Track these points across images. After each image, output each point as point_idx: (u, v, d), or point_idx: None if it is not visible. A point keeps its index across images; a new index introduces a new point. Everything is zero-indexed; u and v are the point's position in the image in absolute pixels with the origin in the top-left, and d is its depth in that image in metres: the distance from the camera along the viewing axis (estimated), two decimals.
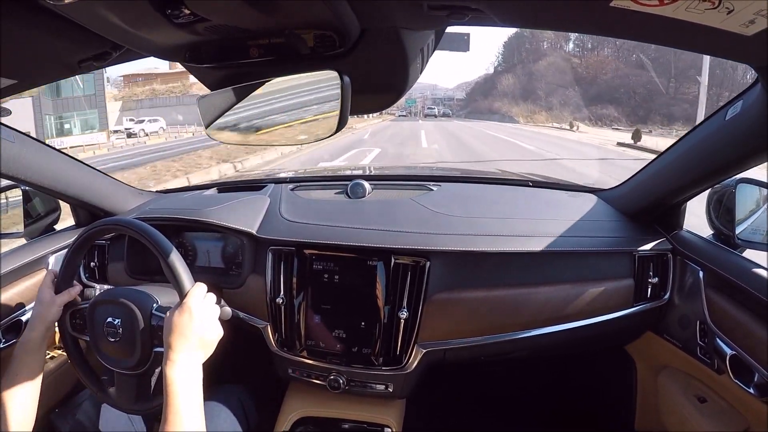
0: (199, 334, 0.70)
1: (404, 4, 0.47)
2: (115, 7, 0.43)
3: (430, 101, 74.88)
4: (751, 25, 0.41)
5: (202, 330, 0.71)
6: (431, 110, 55.69)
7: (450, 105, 73.98)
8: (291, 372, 1.11)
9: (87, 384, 0.86)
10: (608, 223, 1.09)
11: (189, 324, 0.69)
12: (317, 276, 1.06)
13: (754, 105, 0.67)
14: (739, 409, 0.87)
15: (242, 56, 0.53)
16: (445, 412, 1.55)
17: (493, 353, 1.09)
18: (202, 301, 0.73)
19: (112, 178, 1.30)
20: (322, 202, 1.22)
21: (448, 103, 75.98)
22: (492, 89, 60.52)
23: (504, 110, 49.73)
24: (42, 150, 1.02)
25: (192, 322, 0.70)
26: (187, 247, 1.20)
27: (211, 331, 0.73)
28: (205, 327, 0.71)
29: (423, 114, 53.21)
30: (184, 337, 0.69)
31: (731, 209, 0.94)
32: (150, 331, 0.79)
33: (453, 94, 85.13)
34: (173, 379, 0.66)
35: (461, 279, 1.01)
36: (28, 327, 0.83)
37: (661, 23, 0.43)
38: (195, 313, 0.70)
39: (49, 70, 0.68)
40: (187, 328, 0.69)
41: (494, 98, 57.71)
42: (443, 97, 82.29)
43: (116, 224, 0.86)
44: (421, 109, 60.20)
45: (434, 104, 71.94)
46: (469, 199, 1.20)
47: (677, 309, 1.01)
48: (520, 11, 0.49)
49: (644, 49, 36.30)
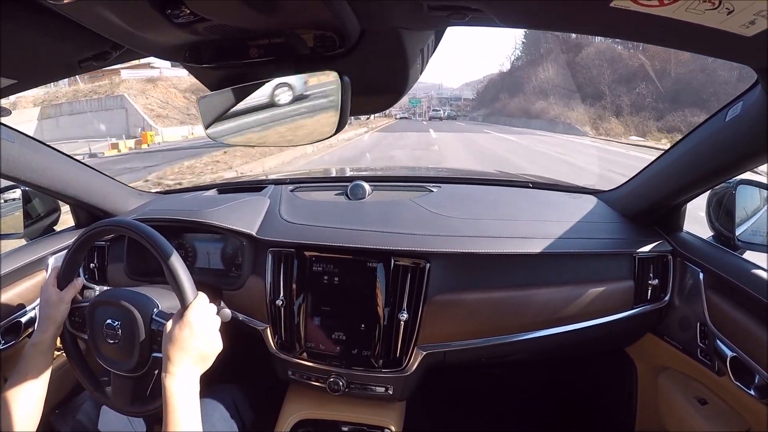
0: (198, 349, 0.70)
1: (404, 5, 0.47)
2: (115, 7, 0.43)
3: (436, 101, 70.82)
4: (751, 25, 0.41)
5: (202, 345, 0.70)
6: (436, 112, 52.76)
7: (457, 106, 70.19)
8: (291, 374, 1.10)
9: (84, 382, 0.86)
10: (608, 224, 1.09)
11: (189, 339, 0.69)
12: (317, 278, 1.05)
13: (754, 106, 0.67)
14: (740, 410, 0.87)
15: (242, 56, 0.53)
16: (446, 414, 1.55)
17: (493, 355, 1.09)
18: (204, 314, 0.72)
19: (112, 179, 1.30)
20: (322, 203, 1.22)
21: (455, 104, 72.21)
22: (521, 86, 44.43)
23: (552, 114, 32.11)
24: (42, 150, 1.02)
25: (192, 337, 0.69)
26: (187, 249, 1.20)
27: (211, 345, 0.72)
28: (205, 342, 0.71)
29: (427, 116, 50.65)
30: (184, 352, 0.69)
31: (731, 211, 0.94)
32: (149, 336, 0.79)
33: (460, 93, 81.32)
34: (172, 391, 0.66)
35: (461, 281, 1.01)
36: (38, 329, 0.82)
37: (661, 24, 0.43)
38: (196, 328, 0.70)
39: (49, 70, 0.68)
40: (187, 343, 0.69)
41: (528, 97, 40.64)
42: (449, 96, 78.69)
43: (119, 226, 0.85)
44: (426, 110, 56.69)
45: (440, 105, 69.24)
46: (469, 200, 1.20)
47: (677, 311, 1.01)
48: (520, 11, 0.49)
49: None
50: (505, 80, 54.15)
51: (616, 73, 33.58)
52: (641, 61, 32.39)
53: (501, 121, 40.14)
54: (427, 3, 0.46)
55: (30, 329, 1.08)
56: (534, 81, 41.97)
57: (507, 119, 39.34)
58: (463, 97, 76.14)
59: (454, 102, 73.58)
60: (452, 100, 74.87)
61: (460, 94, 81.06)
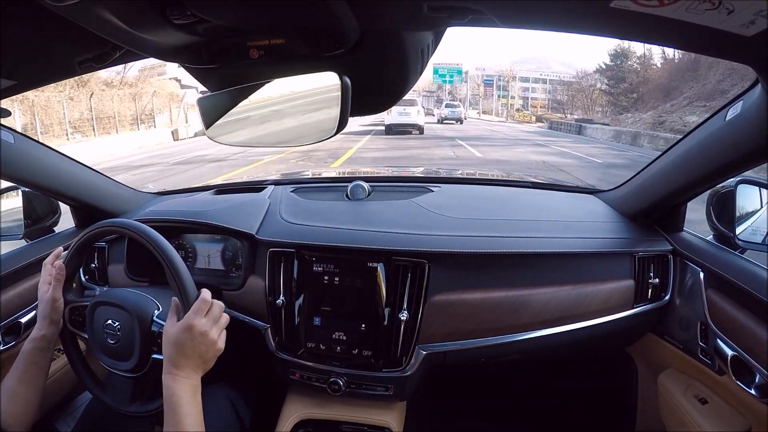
0: (199, 352, 0.69)
1: (404, 6, 0.47)
2: (115, 8, 0.43)
3: (448, 96, 41.95)
4: (751, 25, 0.41)
5: (203, 348, 0.70)
6: (453, 110, 26.04)
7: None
8: (291, 374, 1.10)
9: (83, 381, 0.86)
10: (608, 224, 1.09)
11: (189, 342, 0.68)
12: (317, 278, 1.05)
13: (754, 106, 0.67)
14: (740, 410, 0.87)
15: (242, 57, 0.53)
16: (446, 414, 1.55)
17: (493, 355, 1.09)
18: (204, 316, 0.71)
19: (112, 179, 1.30)
20: (322, 203, 1.22)
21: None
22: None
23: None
24: (42, 151, 1.02)
25: (192, 340, 0.69)
26: (187, 249, 1.20)
27: (212, 347, 0.71)
28: (206, 345, 0.70)
29: (439, 115, 26.94)
30: (184, 355, 0.68)
31: (731, 210, 0.94)
32: (150, 338, 0.79)
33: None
34: (173, 391, 0.66)
35: (461, 280, 1.01)
36: (37, 326, 0.82)
37: (661, 24, 0.43)
38: (196, 332, 0.69)
39: (49, 71, 0.68)
40: (187, 347, 0.68)
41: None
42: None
43: (119, 226, 0.85)
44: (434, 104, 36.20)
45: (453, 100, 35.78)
46: (469, 200, 1.20)
47: (678, 310, 1.01)
48: (520, 12, 0.49)
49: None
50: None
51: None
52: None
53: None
54: (427, 3, 0.46)
55: (30, 330, 1.08)
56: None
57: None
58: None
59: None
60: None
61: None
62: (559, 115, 36.61)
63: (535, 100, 47.33)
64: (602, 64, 33.05)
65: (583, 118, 29.46)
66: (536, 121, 35.51)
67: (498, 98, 47.00)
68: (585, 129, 21.39)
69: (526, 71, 51.56)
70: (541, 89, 47.99)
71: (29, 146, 0.98)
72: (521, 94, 48.46)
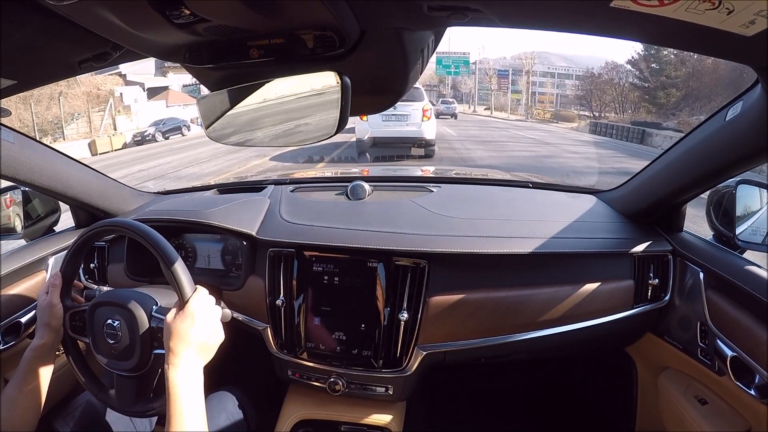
0: (200, 340, 0.70)
1: (404, 5, 0.47)
2: (115, 8, 0.43)
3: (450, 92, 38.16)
4: (751, 25, 0.41)
5: (204, 336, 0.70)
6: (448, 106, 25.88)
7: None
8: (291, 374, 1.10)
9: (86, 386, 0.86)
10: (608, 224, 1.09)
11: (190, 329, 0.69)
12: (317, 278, 1.05)
13: (754, 106, 0.67)
14: (740, 410, 0.87)
15: (242, 57, 0.53)
16: (446, 414, 1.55)
17: (493, 355, 1.09)
18: (204, 305, 0.72)
19: (112, 179, 1.30)
20: (322, 203, 1.22)
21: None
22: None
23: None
24: (42, 150, 1.02)
25: (193, 327, 0.69)
26: (187, 249, 1.20)
27: (213, 336, 0.72)
28: (206, 333, 0.71)
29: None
30: (186, 343, 0.68)
31: (731, 210, 0.94)
32: (150, 333, 0.79)
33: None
34: (176, 382, 0.66)
35: (461, 280, 1.01)
36: (37, 335, 0.82)
37: (661, 24, 0.43)
38: (197, 319, 0.70)
39: (49, 71, 0.68)
40: (188, 334, 0.69)
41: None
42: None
43: (118, 226, 0.85)
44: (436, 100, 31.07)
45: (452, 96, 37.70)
46: (468, 200, 1.20)
47: (678, 310, 1.01)
48: (520, 12, 0.49)
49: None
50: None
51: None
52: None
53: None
54: (427, 3, 0.46)
55: (30, 329, 1.08)
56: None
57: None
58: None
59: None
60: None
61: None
62: (584, 112, 30.55)
63: (543, 95, 43.95)
64: (636, 54, 27.88)
65: (645, 121, 20.91)
66: (553, 118, 30.06)
67: (510, 93, 41.59)
68: (650, 137, 15.46)
69: (535, 65, 45.09)
70: (549, 84, 44.61)
71: (29, 146, 0.98)
72: (531, 89, 42.71)
